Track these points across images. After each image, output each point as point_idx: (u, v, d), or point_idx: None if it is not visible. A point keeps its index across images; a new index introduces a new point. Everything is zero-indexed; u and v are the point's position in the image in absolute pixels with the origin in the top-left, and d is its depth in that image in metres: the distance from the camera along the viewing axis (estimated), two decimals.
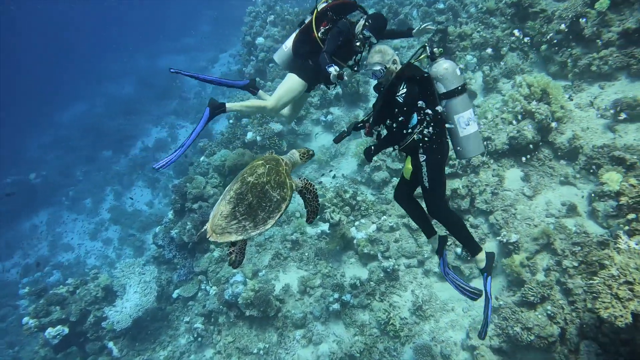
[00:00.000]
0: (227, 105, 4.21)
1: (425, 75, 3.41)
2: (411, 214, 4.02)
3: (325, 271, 7.36)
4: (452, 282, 3.80)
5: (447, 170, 7.13)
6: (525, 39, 7.81)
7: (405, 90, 3.37)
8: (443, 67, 3.38)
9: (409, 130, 3.49)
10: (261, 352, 6.82)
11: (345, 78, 3.83)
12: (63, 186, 19.17)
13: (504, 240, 5.97)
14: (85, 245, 15.53)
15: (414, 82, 3.37)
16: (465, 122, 3.44)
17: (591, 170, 5.95)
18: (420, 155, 3.52)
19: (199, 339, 7.71)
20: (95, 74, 29.90)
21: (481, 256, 3.66)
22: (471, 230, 6.52)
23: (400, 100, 3.39)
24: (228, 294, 7.28)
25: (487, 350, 5.55)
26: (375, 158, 8.24)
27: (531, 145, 6.49)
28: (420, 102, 3.38)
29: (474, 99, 8.16)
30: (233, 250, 3.34)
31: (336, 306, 6.82)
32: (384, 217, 7.43)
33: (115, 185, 17.62)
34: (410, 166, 3.65)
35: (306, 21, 4.29)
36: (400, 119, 3.43)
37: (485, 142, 6.90)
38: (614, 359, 4.55)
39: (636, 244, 4.03)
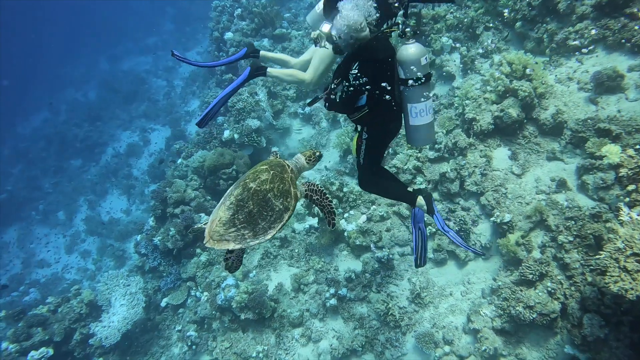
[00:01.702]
0: (269, 70, 4.13)
1: (382, 58, 3.27)
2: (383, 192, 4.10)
3: (318, 266, 7.22)
4: (453, 238, 3.73)
5: (433, 154, 7.08)
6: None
7: (356, 71, 3.23)
8: (409, 51, 3.22)
9: (358, 106, 3.46)
10: (260, 355, 6.64)
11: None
12: (32, 200, 18.27)
13: (498, 220, 5.95)
14: (62, 260, 14.91)
15: (369, 64, 3.23)
16: (417, 112, 3.35)
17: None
18: (364, 132, 3.59)
19: (194, 347, 7.46)
20: (55, 80, 28.70)
21: (420, 202, 3.69)
22: (462, 213, 6.50)
23: (351, 79, 3.28)
24: (221, 299, 7.06)
25: (490, 332, 5.53)
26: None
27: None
28: (367, 87, 3.29)
29: (453, 80, 8.11)
30: (230, 257, 3.19)
31: (333, 301, 6.70)
32: (374, 206, 7.32)
33: (89, 195, 16.94)
34: (356, 143, 3.74)
35: None
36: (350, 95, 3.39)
37: (469, 132, 6.87)
38: (617, 329, 4.60)
39: (638, 215, 4.04)
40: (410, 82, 3.27)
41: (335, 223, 3.33)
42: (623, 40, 6.35)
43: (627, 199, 4.67)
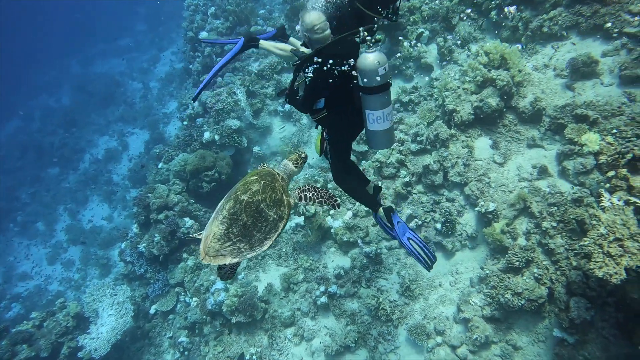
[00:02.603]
0: (261, 41, 4.14)
1: (339, 64, 3.22)
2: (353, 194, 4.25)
3: (307, 265, 7.21)
4: (409, 248, 3.76)
5: (416, 146, 7.10)
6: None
7: (312, 75, 3.23)
8: (368, 60, 3.10)
9: (318, 108, 3.55)
10: (254, 357, 6.61)
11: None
12: (9, 212, 17.77)
13: (482, 210, 6.01)
14: (44, 271, 14.58)
15: (325, 69, 3.19)
16: (375, 119, 3.35)
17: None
18: (325, 133, 3.76)
19: (186, 352, 7.41)
20: (25, 86, 27.88)
21: (381, 213, 3.80)
22: (447, 204, 6.55)
23: (307, 82, 3.32)
24: (211, 304, 7.00)
25: (480, 320, 5.60)
26: None
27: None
28: (323, 90, 3.37)
29: (431, 72, 8.14)
30: (224, 266, 3.16)
31: (323, 299, 6.69)
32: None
33: (69, 204, 16.57)
34: (319, 143, 3.86)
35: None
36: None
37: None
38: (602, 310, 4.70)
39: (619, 200, 4.13)
40: (368, 89, 3.21)
41: (340, 203, 3.37)
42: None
43: (608, 185, 4.76)
